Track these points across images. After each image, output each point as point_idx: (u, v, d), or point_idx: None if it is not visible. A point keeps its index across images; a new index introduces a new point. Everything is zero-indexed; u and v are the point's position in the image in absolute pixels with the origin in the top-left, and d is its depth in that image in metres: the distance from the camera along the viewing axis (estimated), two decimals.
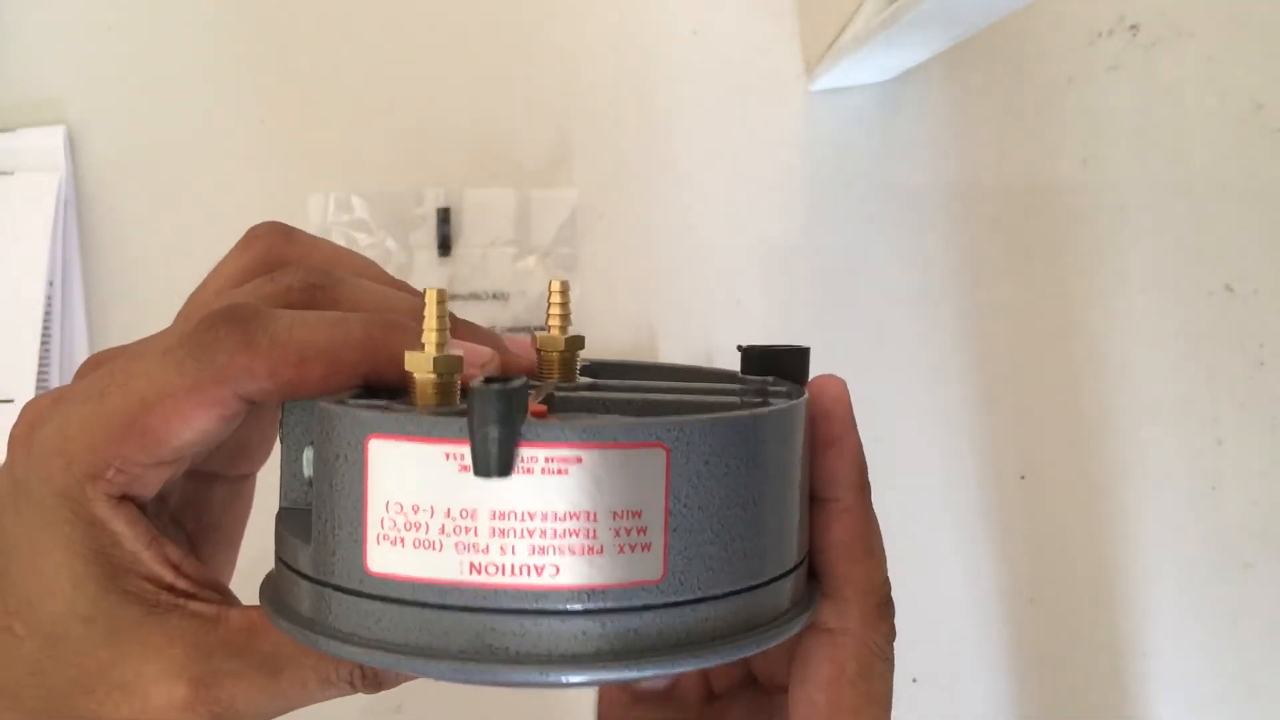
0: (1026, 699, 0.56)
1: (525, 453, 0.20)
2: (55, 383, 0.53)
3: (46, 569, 0.25)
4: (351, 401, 0.23)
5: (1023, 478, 0.57)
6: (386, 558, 0.21)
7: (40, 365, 0.53)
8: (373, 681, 0.25)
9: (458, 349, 0.23)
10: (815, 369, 0.28)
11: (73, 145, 0.56)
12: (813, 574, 0.26)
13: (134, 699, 0.24)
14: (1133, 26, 0.58)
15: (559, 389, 0.26)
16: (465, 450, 0.20)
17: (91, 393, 0.25)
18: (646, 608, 0.21)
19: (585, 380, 0.27)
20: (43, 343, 0.53)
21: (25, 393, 0.52)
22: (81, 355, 0.55)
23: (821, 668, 0.27)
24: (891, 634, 0.27)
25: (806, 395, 0.25)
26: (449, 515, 0.20)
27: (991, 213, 0.58)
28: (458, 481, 0.20)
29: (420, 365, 0.22)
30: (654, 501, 0.20)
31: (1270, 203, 0.58)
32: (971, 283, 0.57)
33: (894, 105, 0.58)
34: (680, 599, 0.21)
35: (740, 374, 0.28)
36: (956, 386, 0.57)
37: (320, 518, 0.22)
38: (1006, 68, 0.58)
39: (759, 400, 0.24)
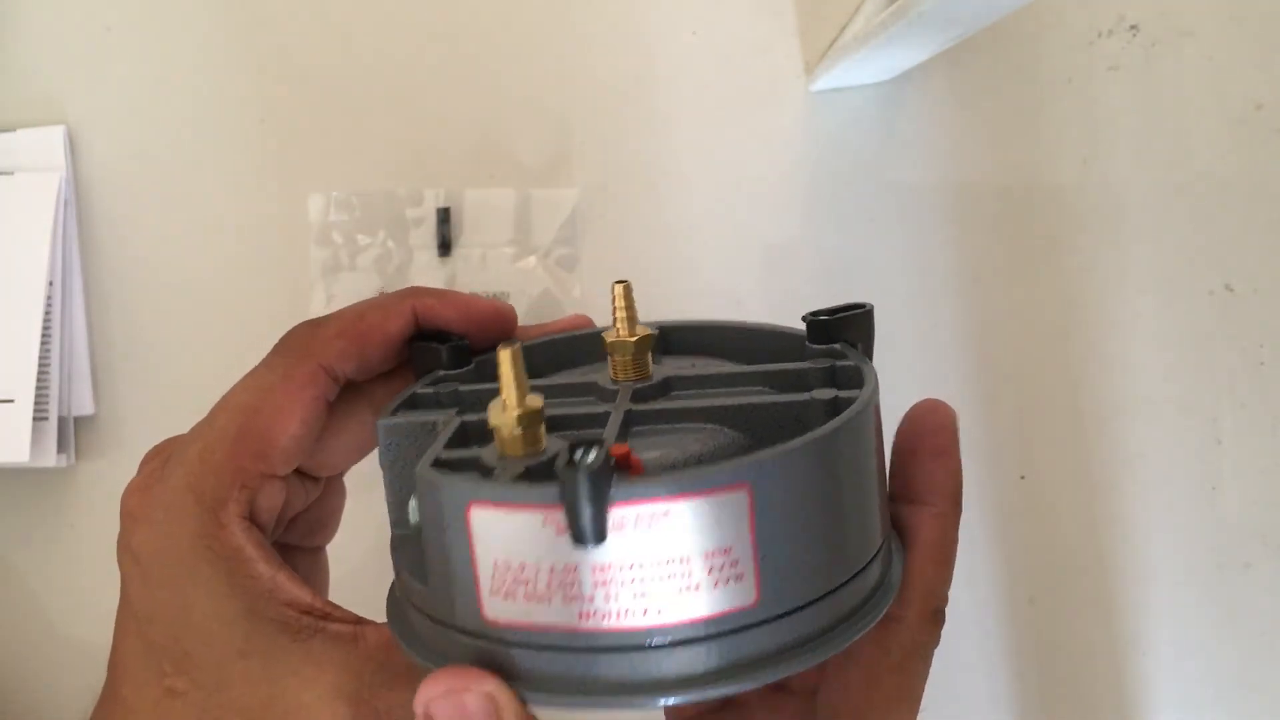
0: (1026, 699, 0.57)
1: (617, 513, 0.21)
2: (55, 383, 0.53)
3: (196, 618, 0.26)
4: (446, 460, 0.24)
5: (1023, 478, 0.57)
6: (501, 608, 0.22)
7: (40, 365, 0.53)
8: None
9: (537, 395, 0.24)
10: None
11: (73, 145, 0.56)
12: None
13: None
14: (1133, 26, 0.58)
15: (635, 391, 0.27)
16: (560, 515, 0.21)
17: (202, 427, 0.28)
18: (745, 628, 0.22)
19: (659, 377, 0.28)
20: (43, 343, 0.53)
21: (25, 393, 0.52)
22: (82, 355, 0.55)
23: (865, 648, 0.27)
24: (936, 643, 0.28)
25: (876, 379, 0.26)
26: (553, 571, 0.21)
27: (991, 213, 0.58)
28: (557, 542, 0.21)
29: (504, 420, 0.23)
30: (742, 537, 0.22)
31: (1270, 203, 0.58)
32: (971, 283, 0.57)
33: (894, 105, 0.58)
34: (775, 614, 0.22)
35: (807, 342, 0.29)
36: (956, 386, 0.57)
37: (434, 570, 0.23)
38: (1006, 68, 0.58)
39: (830, 398, 0.25)
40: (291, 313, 0.55)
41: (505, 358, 0.23)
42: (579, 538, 0.21)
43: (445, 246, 0.56)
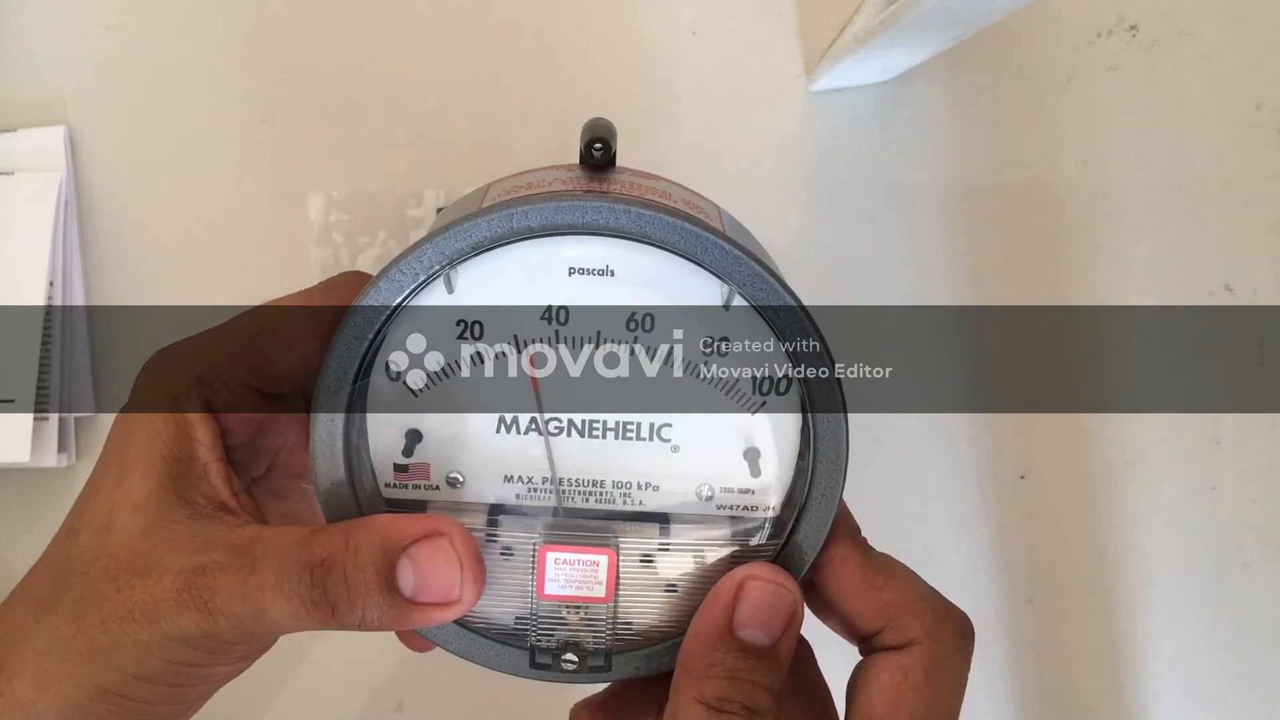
0: (1026, 699, 0.57)
1: None
2: (56, 384, 0.53)
3: (133, 469, 0.27)
4: None
5: (1022, 478, 0.57)
6: None
7: (40, 366, 0.53)
8: (320, 591, 0.25)
9: None
10: None
11: (73, 145, 0.56)
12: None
13: (146, 584, 0.26)
14: (1133, 27, 0.58)
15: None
16: None
17: (227, 323, 0.29)
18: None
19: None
20: (43, 343, 0.53)
21: (25, 393, 0.52)
22: (82, 356, 0.55)
23: (883, 675, 0.26)
24: (962, 648, 0.27)
25: None
26: None
27: (991, 213, 0.58)
28: None
29: None
30: None
31: (1270, 203, 0.58)
32: (971, 283, 0.57)
33: (894, 105, 0.58)
34: None
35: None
36: (956, 386, 0.57)
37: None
38: (1006, 68, 0.58)
39: None
40: None
41: None
42: None
43: None
